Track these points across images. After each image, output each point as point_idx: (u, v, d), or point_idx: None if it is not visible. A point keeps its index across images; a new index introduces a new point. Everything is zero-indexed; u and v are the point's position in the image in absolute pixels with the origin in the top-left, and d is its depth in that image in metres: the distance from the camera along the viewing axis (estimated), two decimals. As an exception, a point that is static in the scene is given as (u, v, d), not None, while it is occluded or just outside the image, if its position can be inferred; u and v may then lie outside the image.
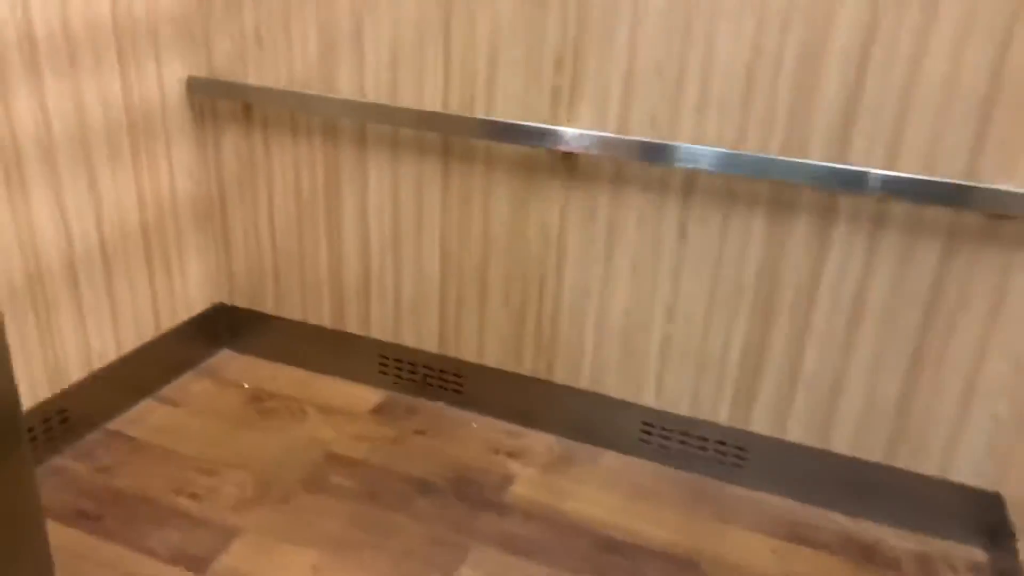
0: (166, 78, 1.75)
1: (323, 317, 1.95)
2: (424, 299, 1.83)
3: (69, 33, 1.51)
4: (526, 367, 1.79)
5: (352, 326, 1.93)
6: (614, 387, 1.72)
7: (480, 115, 1.60)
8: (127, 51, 1.64)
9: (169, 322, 1.91)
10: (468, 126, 1.60)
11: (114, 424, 1.77)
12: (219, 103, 1.83)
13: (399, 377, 1.93)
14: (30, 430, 1.59)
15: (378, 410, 1.87)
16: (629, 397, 1.71)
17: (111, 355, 1.76)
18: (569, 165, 1.59)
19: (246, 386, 1.95)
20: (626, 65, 1.47)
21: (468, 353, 1.83)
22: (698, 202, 1.51)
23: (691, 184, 1.51)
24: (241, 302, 2.03)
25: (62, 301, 1.61)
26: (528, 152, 1.61)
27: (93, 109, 1.60)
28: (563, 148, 1.54)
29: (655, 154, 1.48)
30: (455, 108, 1.62)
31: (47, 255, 1.56)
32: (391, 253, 1.81)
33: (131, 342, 1.81)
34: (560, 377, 1.76)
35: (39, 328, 1.57)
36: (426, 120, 1.63)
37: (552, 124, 1.55)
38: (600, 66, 1.49)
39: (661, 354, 1.65)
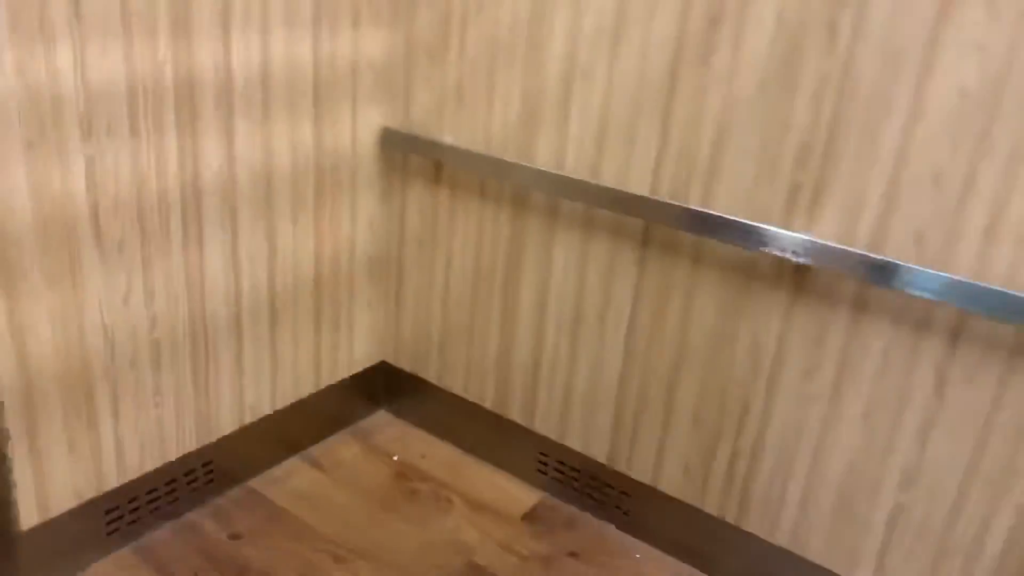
0: (360, 127, 1.66)
1: (485, 397, 1.77)
2: (598, 400, 1.59)
3: (267, 78, 1.44)
4: (710, 503, 1.50)
5: (514, 413, 1.73)
6: (819, 552, 1.39)
7: (694, 205, 1.35)
8: (324, 97, 1.55)
9: (329, 378, 1.81)
10: (678, 216, 1.35)
11: (257, 482, 1.68)
12: (410, 158, 1.71)
13: (559, 481, 1.70)
14: (172, 482, 1.52)
15: (531, 516, 1.66)
16: (837, 568, 1.38)
17: (265, 409, 1.67)
18: (799, 278, 1.30)
19: (395, 458, 1.80)
20: (892, 167, 1.17)
21: (642, 472, 1.57)
22: (968, 351, 1.17)
23: (961, 326, 1.17)
24: (405, 365, 1.90)
25: (223, 351, 1.54)
26: (748, 255, 1.34)
27: (281, 156, 1.51)
28: (794, 257, 1.26)
29: (916, 282, 1.16)
30: (665, 193, 1.39)
31: (214, 303, 1.49)
32: (568, 342, 1.60)
33: (288, 397, 1.72)
34: (751, 524, 1.46)
35: (195, 377, 1.50)
36: (629, 203, 1.40)
37: (784, 227, 1.28)
38: (857, 165, 1.20)
39: (888, 526, 1.31)
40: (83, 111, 1.19)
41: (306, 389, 1.75)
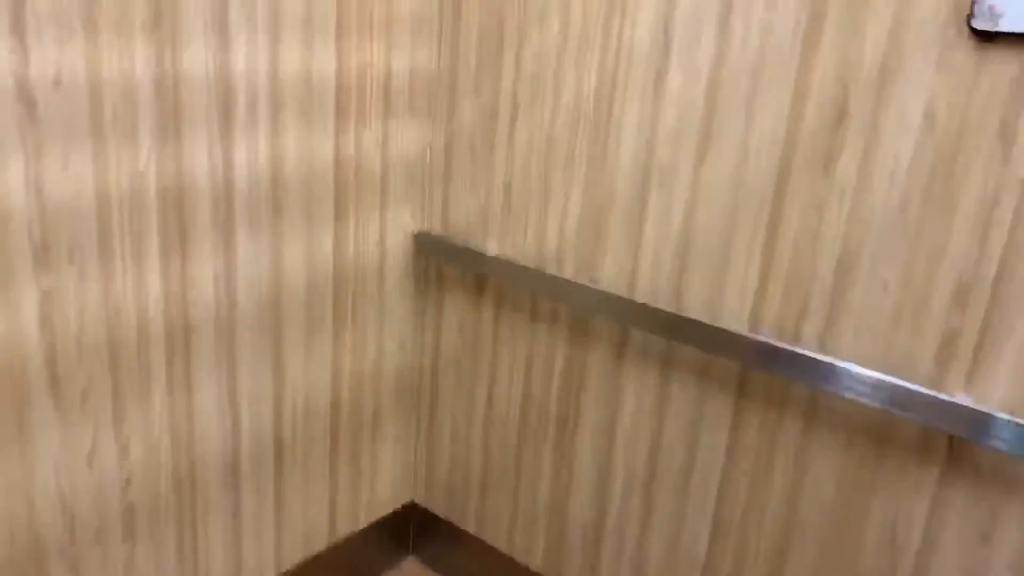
0: (390, 233, 1.40)
1: (534, 557, 1.46)
2: (679, 575, 1.27)
3: (278, 182, 1.19)
4: None
5: (571, 580, 1.42)
6: None
7: (809, 349, 1.05)
8: (347, 200, 1.30)
9: (348, 527, 1.51)
10: (786, 361, 1.05)
11: (255, 663, 1.38)
12: (448, 268, 1.45)
13: (626, 670, 1.37)
14: (148, 674, 1.23)
15: None
16: None
17: (269, 573, 1.38)
18: (956, 451, 0.98)
19: (424, 627, 1.49)
20: (1096, 317, 0.86)
21: (734, 673, 1.24)
22: None
23: None
24: (437, 508, 1.60)
25: (215, 508, 1.26)
26: (883, 418, 1.03)
27: (294, 271, 1.26)
28: (947, 428, 0.94)
29: None
30: (769, 331, 1.09)
31: (205, 452, 1.22)
32: (640, 502, 1.29)
33: (296, 554, 1.42)
34: None
35: (180, 543, 1.22)
36: (720, 340, 1.11)
37: (934, 387, 0.97)
38: (1042, 311, 0.89)
39: None
40: (37, 235, 0.95)
41: (319, 543, 1.46)
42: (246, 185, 1.15)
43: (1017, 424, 0.90)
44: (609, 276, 1.23)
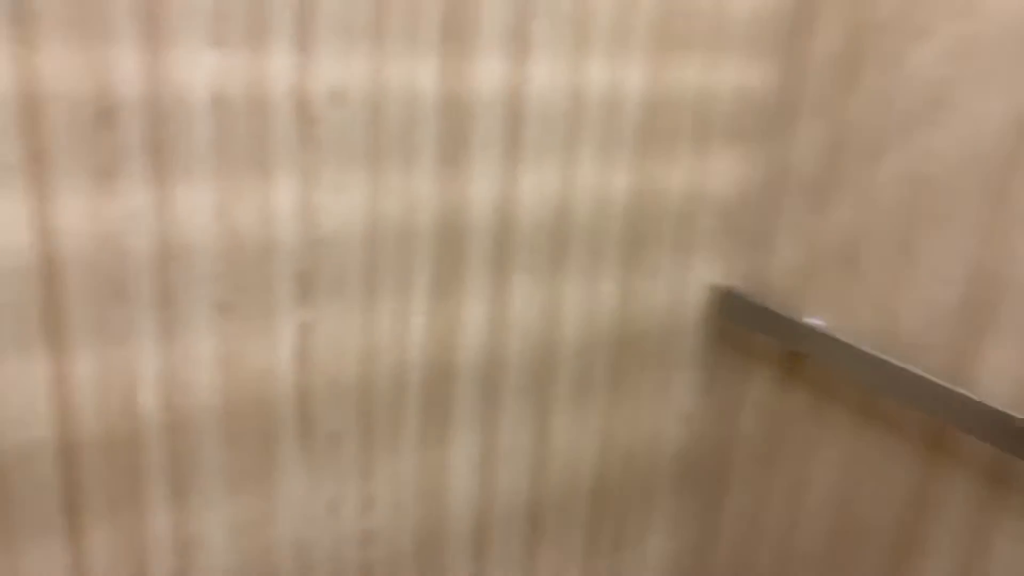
0: (688, 287, 1.16)
1: None
2: None
3: (565, 219, 1.01)
4: None
5: None
6: None
7: None
8: (639, 244, 1.09)
9: (600, 616, 1.30)
10: None
11: None
12: (756, 336, 1.18)
13: None
14: None
15: None
16: None
17: (506, 655, 1.22)
18: None
19: None
20: None
21: None
22: None
23: None
24: (708, 615, 1.33)
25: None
26: None
27: (571, 322, 1.08)
28: None
29: None
30: None
31: (452, 515, 1.08)
32: None
33: (539, 638, 1.25)
34: None
35: (417, 610, 1.10)
36: None
37: None
38: None
39: None
40: (303, 264, 0.86)
41: (566, 630, 1.27)
42: (529, 220, 0.99)
43: None
44: (992, 382, 0.89)
